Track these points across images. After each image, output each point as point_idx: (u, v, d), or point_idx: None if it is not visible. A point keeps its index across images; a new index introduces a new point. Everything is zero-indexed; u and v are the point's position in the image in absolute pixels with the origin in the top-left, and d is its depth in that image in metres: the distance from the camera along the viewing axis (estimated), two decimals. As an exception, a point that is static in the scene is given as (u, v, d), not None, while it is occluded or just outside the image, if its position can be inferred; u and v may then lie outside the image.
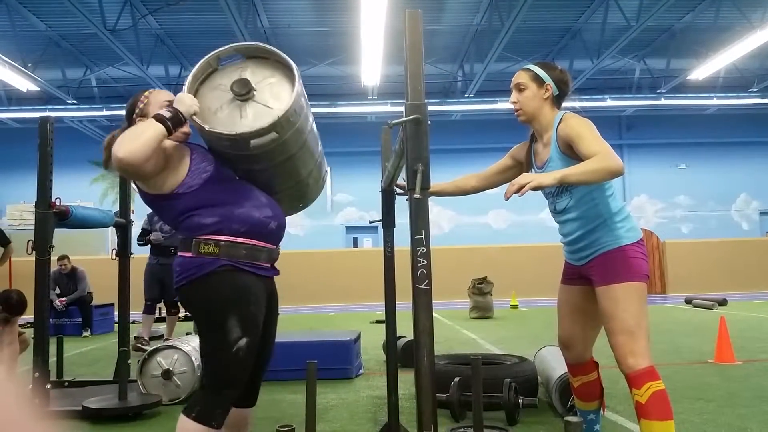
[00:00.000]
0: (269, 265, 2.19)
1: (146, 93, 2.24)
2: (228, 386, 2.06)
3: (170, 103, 2.14)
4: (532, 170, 2.67)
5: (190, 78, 2.19)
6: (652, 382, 2.30)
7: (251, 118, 2.12)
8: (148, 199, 2.19)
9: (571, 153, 2.43)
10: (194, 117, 2.11)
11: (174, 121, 2.03)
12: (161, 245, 6.67)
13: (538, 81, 2.56)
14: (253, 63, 2.26)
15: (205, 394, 2.06)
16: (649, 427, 2.31)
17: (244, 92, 2.13)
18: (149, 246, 6.87)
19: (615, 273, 2.39)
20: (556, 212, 2.61)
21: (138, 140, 1.95)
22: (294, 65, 2.19)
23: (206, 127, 2.11)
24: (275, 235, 2.19)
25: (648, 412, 2.30)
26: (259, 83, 2.18)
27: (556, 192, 2.56)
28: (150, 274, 6.81)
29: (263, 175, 2.25)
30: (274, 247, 2.20)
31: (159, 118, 2.02)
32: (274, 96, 2.15)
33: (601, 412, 2.83)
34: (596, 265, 2.46)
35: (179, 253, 2.13)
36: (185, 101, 2.10)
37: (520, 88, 2.58)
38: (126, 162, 1.94)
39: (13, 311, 4.81)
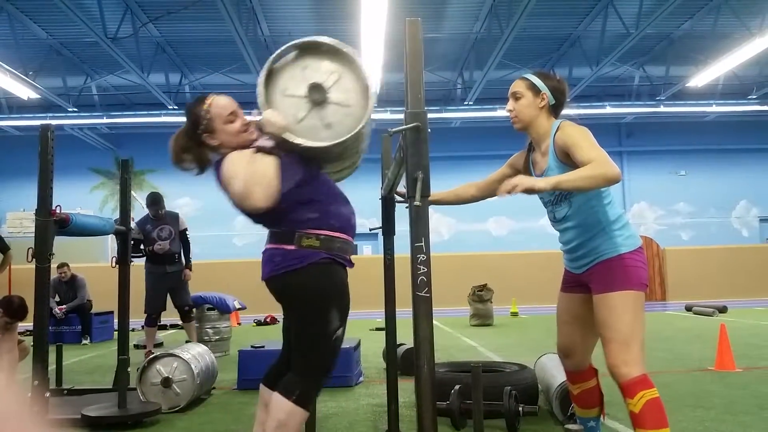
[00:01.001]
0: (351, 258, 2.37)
1: (206, 103, 2.29)
2: (325, 373, 2.24)
3: (233, 114, 2.27)
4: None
5: (260, 88, 2.24)
6: (646, 390, 2.29)
7: (335, 121, 2.21)
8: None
9: (568, 161, 2.43)
10: (288, 135, 2.20)
11: (279, 147, 2.15)
12: (164, 254, 6.53)
13: (534, 90, 2.58)
14: (309, 56, 2.28)
15: (304, 379, 2.20)
16: None
17: (322, 99, 2.20)
18: (145, 256, 6.71)
19: (612, 281, 2.39)
20: (555, 221, 2.62)
21: (267, 184, 2.10)
22: (353, 52, 2.24)
23: (302, 143, 2.18)
24: (355, 228, 2.38)
25: (642, 421, 2.28)
26: (326, 82, 2.22)
27: (554, 200, 2.57)
28: (154, 284, 6.53)
29: (331, 158, 2.39)
30: (353, 241, 2.37)
31: (269, 152, 2.13)
32: (345, 91, 2.22)
33: (601, 419, 2.83)
34: (595, 272, 2.47)
35: (276, 245, 2.24)
36: (275, 122, 2.18)
37: (516, 97, 2.60)
38: (265, 207, 2.12)
39: (14, 315, 4.80)
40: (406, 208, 1.82)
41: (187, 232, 6.71)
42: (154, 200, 6.64)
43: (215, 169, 2.31)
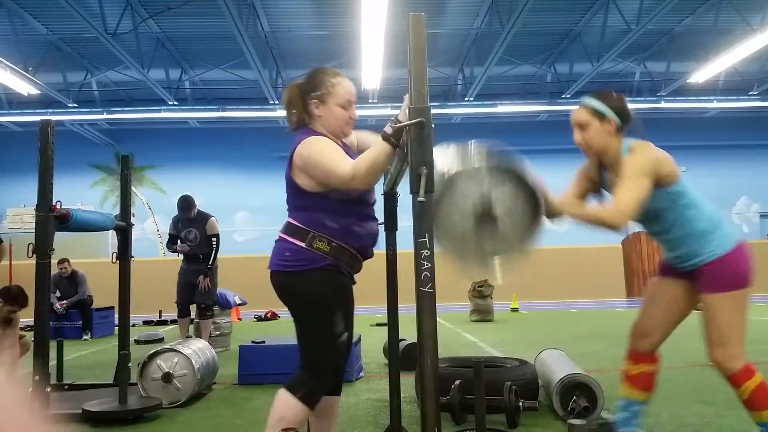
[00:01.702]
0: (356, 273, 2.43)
1: (335, 78, 2.34)
2: (331, 373, 2.30)
3: (350, 103, 2.34)
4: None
5: (451, 162, 2.22)
6: (749, 380, 2.46)
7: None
8: (291, 181, 2.30)
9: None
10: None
11: (398, 139, 2.06)
12: (189, 254, 6.65)
13: (600, 116, 2.50)
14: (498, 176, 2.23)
15: (311, 378, 2.25)
16: (758, 417, 2.50)
17: (488, 221, 2.20)
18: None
19: (712, 284, 2.47)
20: (653, 234, 2.67)
21: (375, 171, 2.11)
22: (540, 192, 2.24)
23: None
24: (369, 256, 2.44)
25: (751, 405, 2.49)
26: (498, 210, 2.21)
27: (643, 219, 2.56)
28: (179, 278, 6.76)
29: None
30: (363, 261, 2.42)
31: (392, 143, 2.04)
32: (510, 214, 2.22)
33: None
34: (698, 273, 2.52)
35: (289, 238, 2.27)
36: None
37: (582, 126, 2.53)
38: (360, 188, 2.18)
39: (15, 302, 4.80)
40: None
41: (213, 239, 6.68)
42: (182, 206, 6.81)
43: (298, 139, 2.29)
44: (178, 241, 6.74)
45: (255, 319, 11.84)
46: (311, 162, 2.21)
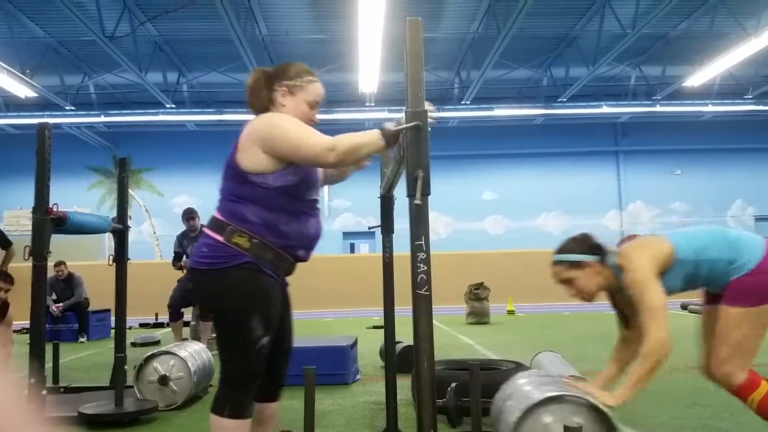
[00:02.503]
0: (286, 275, 2.28)
1: (310, 76, 2.29)
2: (252, 380, 2.13)
3: (316, 104, 2.29)
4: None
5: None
6: (754, 392, 2.46)
7: None
8: (232, 164, 2.15)
9: (656, 272, 2.46)
10: None
11: (392, 141, 2.02)
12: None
13: (577, 265, 2.53)
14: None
15: (231, 390, 2.12)
16: None
17: None
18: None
19: (731, 297, 2.46)
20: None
21: (354, 155, 2.04)
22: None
23: None
24: (300, 259, 2.27)
25: (763, 414, 2.51)
26: None
27: (671, 289, 2.53)
28: (181, 284, 6.85)
29: None
30: (295, 263, 2.27)
31: (385, 142, 2.01)
32: None
33: None
34: (726, 288, 2.51)
35: (208, 232, 2.16)
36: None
37: (567, 282, 2.55)
38: (331, 164, 2.06)
39: (5, 280, 4.81)
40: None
41: None
42: (187, 217, 7.03)
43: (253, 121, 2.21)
44: (184, 258, 6.84)
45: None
46: (278, 134, 2.07)
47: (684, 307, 12.08)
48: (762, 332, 2.47)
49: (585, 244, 2.54)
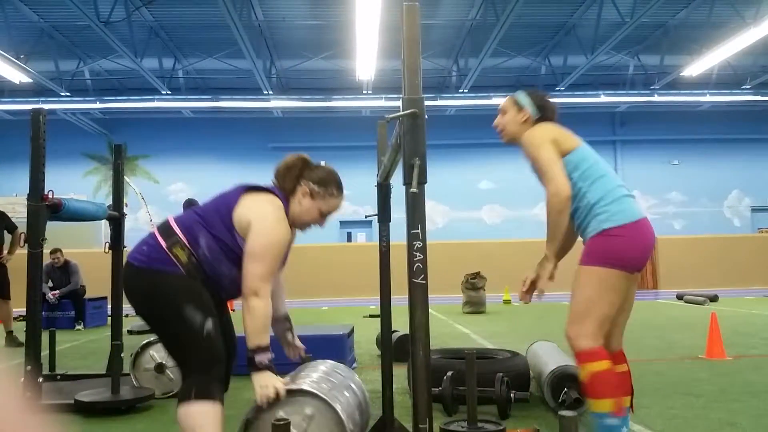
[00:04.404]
0: None
1: (337, 191, 2.44)
2: (214, 364, 2.14)
3: (328, 215, 2.46)
4: None
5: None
6: (593, 362, 2.38)
7: None
8: (229, 208, 2.27)
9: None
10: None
11: (258, 359, 2.18)
12: None
13: (518, 105, 2.72)
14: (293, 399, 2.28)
15: (195, 377, 2.12)
16: (593, 405, 2.43)
17: None
18: None
19: (585, 255, 2.47)
20: None
21: (247, 321, 2.18)
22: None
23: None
24: (219, 299, 2.35)
25: (586, 390, 2.45)
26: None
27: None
28: None
29: None
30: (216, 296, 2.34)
31: (258, 355, 2.18)
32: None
33: (630, 411, 2.62)
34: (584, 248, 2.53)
35: (155, 233, 2.23)
36: (266, 379, 2.18)
37: (503, 112, 2.76)
38: (244, 292, 2.20)
39: None
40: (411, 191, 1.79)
41: None
42: (186, 206, 6.99)
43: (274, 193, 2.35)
44: None
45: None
46: (256, 232, 2.19)
47: (680, 297, 12.13)
48: (607, 297, 2.41)
49: (538, 98, 2.72)
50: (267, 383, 2.14)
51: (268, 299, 2.18)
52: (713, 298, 11.20)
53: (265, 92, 16.08)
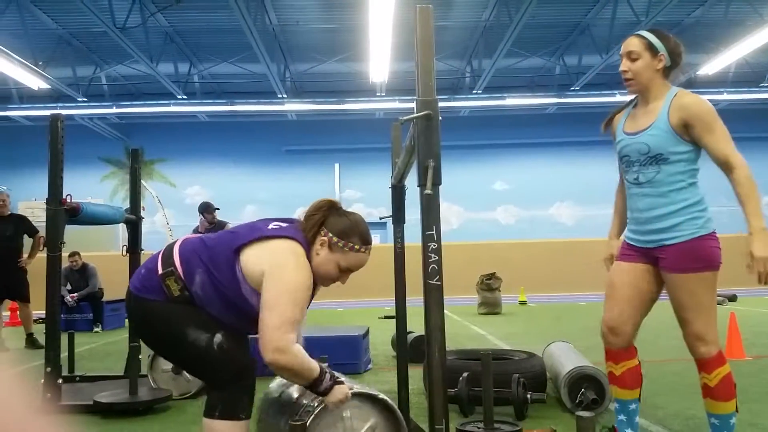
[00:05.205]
0: None
1: (361, 247, 2.18)
2: (237, 378, 2.05)
3: (348, 272, 2.24)
4: (620, 134, 2.63)
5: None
6: (721, 367, 2.45)
7: None
8: (238, 250, 2.11)
9: (683, 132, 2.41)
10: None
11: (321, 388, 2.06)
12: None
13: (653, 50, 2.46)
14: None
15: (220, 392, 2.05)
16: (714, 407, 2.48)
17: None
18: None
19: (693, 263, 2.40)
20: (637, 183, 2.51)
21: (287, 372, 2.02)
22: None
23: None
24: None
25: (717, 394, 2.45)
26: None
27: (644, 161, 2.47)
28: None
29: None
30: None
31: (318, 386, 2.06)
32: None
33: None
34: (673, 251, 2.43)
35: (158, 257, 2.13)
36: (338, 394, 2.10)
37: (632, 57, 2.48)
38: (264, 354, 1.96)
39: None
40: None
41: None
42: (204, 209, 7.24)
43: (294, 240, 2.13)
44: None
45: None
46: (274, 281, 1.99)
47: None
48: (716, 297, 2.51)
49: (673, 48, 2.48)
50: (338, 397, 2.09)
51: (293, 349, 1.96)
52: (732, 298, 11.07)
53: (280, 96, 16.15)
